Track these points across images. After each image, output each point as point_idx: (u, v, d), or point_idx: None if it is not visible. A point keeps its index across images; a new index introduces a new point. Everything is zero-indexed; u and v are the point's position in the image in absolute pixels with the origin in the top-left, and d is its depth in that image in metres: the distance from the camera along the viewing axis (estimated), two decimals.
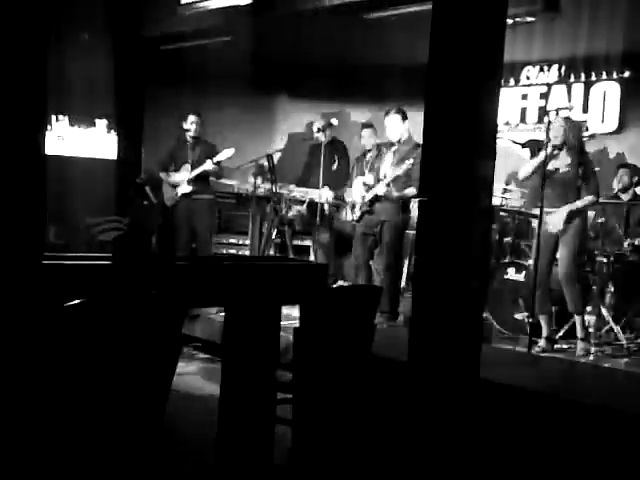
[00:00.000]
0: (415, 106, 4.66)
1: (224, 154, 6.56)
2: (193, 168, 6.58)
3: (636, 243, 5.40)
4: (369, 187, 5.76)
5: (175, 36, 7.64)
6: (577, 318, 4.96)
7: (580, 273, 5.11)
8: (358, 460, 3.25)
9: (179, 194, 6.60)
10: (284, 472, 3.19)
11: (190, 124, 6.64)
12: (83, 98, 7.78)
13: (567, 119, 5.18)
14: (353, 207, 5.91)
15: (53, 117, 7.88)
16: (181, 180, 6.59)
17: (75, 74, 7.44)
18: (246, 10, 6.80)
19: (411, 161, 5.44)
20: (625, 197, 5.91)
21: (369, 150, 6.37)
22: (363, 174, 5.96)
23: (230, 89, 7.93)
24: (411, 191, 5.56)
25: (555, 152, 5.02)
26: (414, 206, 5.58)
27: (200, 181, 6.62)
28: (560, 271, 4.98)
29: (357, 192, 5.88)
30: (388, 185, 5.60)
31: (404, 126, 5.71)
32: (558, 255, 5.03)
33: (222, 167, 6.69)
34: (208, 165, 6.52)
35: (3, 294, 2.36)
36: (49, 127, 7.73)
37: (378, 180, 5.71)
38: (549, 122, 5.07)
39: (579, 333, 4.94)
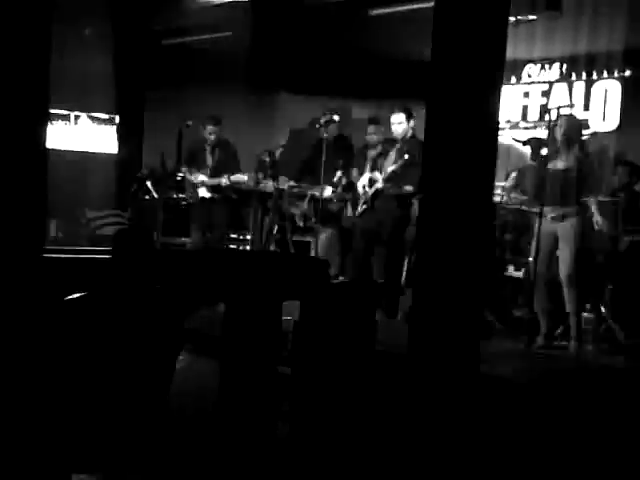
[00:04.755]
0: (417, 102, 4.65)
1: (238, 177, 6.62)
2: (212, 173, 6.62)
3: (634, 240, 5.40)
4: (373, 183, 5.76)
5: (177, 31, 7.62)
6: (573, 318, 4.96)
7: (579, 272, 5.09)
8: (357, 454, 3.25)
9: (199, 196, 6.65)
10: (283, 468, 3.19)
11: (209, 134, 6.65)
12: (84, 92, 7.77)
13: (568, 117, 5.18)
14: (355, 202, 5.90)
15: (55, 111, 7.86)
16: (201, 183, 6.64)
17: (77, 68, 7.42)
18: (249, 5, 6.78)
19: (406, 157, 5.45)
20: (624, 195, 5.89)
21: (372, 146, 6.22)
22: (363, 171, 5.94)
23: (232, 83, 7.90)
24: (409, 189, 5.56)
25: (557, 151, 5.02)
26: (415, 202, 5.57)
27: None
28: (562, 272, 4.96)
29: (362, 187, 5.88)
30: (387, 181, 5.60)
31: (409, 124, 5.72)
32: (558, 253, 5.02)
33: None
34: (223, 180, 6.58)
35: (3, 287, 2.37)
36: (50, 121, 7.71)
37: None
38: (551, 121, 5.07)
39: (573, 332, 4.94)
